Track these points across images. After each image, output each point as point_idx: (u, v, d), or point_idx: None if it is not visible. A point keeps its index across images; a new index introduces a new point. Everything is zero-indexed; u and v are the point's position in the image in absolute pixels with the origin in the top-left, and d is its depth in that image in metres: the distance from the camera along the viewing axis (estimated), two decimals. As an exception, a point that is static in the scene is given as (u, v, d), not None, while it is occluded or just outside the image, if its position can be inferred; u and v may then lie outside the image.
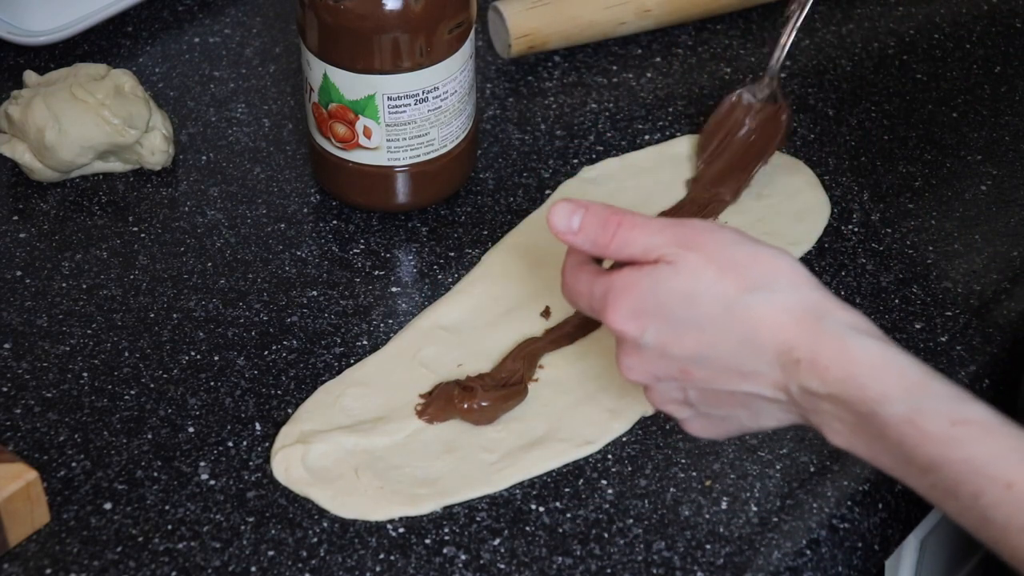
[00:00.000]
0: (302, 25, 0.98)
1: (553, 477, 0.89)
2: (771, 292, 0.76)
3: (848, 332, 0.75)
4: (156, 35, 1.17)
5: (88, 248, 1.02)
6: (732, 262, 0.76)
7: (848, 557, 0.88)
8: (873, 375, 0.73)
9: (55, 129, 1.02)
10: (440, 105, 0.99)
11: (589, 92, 1.12)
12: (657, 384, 0.80)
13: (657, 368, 0.79)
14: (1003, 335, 0.96)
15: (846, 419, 0.74)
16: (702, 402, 0.79)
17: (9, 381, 0.94)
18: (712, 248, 0.77)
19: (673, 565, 0.85)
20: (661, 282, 0.77)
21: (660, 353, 0.78)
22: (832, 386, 0.74)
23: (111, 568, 0.85)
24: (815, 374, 0.74)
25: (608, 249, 0.79)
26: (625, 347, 0.79)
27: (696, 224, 0.78)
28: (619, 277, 0.78)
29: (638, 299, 0.77)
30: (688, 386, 0.79)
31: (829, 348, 0.74)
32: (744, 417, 0.79)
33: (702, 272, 0.76)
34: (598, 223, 0.79)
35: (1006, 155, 1.07)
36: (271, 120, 1.10)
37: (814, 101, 1.11)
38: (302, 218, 1.04)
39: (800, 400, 0.76)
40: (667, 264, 0.77)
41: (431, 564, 0.85)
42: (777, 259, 0.77)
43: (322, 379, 0.94)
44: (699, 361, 0.77)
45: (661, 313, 0.77)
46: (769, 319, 0.75)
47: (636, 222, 0.78)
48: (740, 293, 0.76)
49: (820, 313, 0.75)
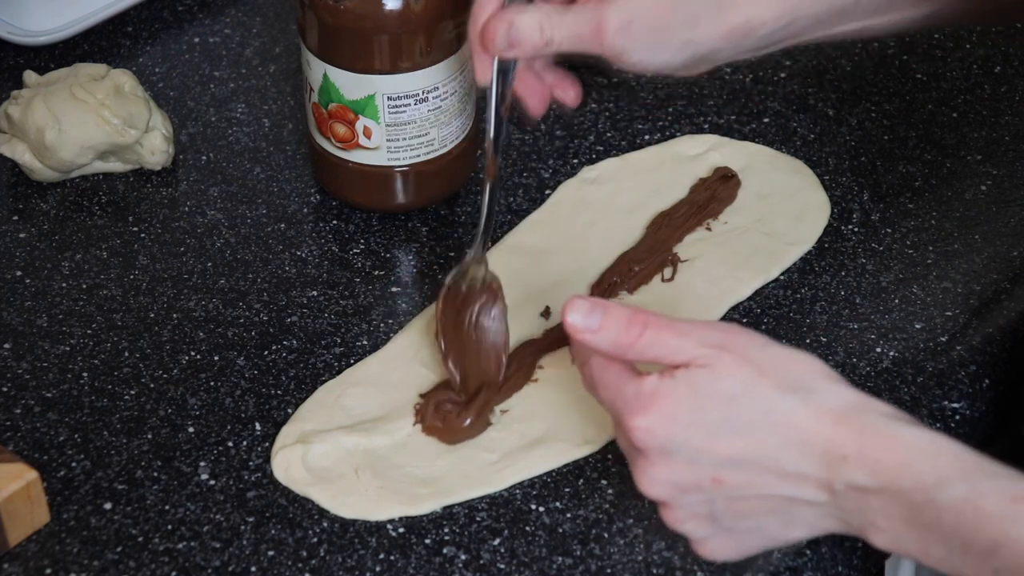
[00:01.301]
0: (302, 25, 0.98)
1: (553, 477, 0.89)
2: (810, 392, 0.74)
3: (893, 423, 0.73)
4: (156, 35, 1.17)
5: (88, 248, 1.02)
6: (767, 362, 0.75)
7: (848, 557, 0.88)
8: (926, 460, 0.72)
9: (55, 129, 1.02)
10: (440, 105, 0.99)
11: (589, 92, 1.12)
12: (681, 498, 0.77)
13: (684, 478, 0.76)
14: (1003, 335, 0.96)
15: (895, 513, 0.73)
16: (729, 513, 0.76)
17: (9, 381, 0.94)
18: (744, 349, 0.75)
19: (673, 565, 0.85)
20: (697, 386, 0.74)
21: (690, 460, 0.75)
22: (884, 477, 0.72)
23: (111, 568, 0.85)
24: (865, 468, 0.73)
25: (631, 351, 0.76)
26: (650, 457, 0.76)
27: (723, 326, 0.77)
28: (650, 382, 0.75)
29: (672, 406, 0.75)
30: (717, 496, 0.76)
31: (877, 440, 0.73)
32: (773, 526, 0.77)
33: (739, 373, 0.74)
34: (621, 324, 0.76)
35: (1006, 155, 1.07)
36: (271, 120, 1.10)
37: (814, 101, 1.11)
38: (302, 218, 1.04)
39: (844, 500, 0.74)
40: (700, 367, 0.75)
41: (431, 564, 0.85)
42: (809, 360, 0.76)
43: (322, 379, 0.94)
44: (735, 465, 0.75)
45: (695, 418, 0.74)
46: (812, 418, 0.74)
47: (662, 323, 0.76)
48: (779, 394, 0.74)
49: (862, 408, 0.74)
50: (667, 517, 0.78)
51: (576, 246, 1.01)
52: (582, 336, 0.77)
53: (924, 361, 0.94)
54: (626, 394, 0.76)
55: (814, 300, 0.98)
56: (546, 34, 0.86)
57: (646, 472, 0.76)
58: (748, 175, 1.05)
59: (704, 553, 0.79)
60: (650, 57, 0.86)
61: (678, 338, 0.76)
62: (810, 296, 0.98)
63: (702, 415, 0.74)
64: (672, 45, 0.86)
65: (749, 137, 1.08)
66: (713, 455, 0.75)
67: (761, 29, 0.86)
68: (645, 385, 0.76)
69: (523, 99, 0.91)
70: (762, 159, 1.06)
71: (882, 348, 0.95)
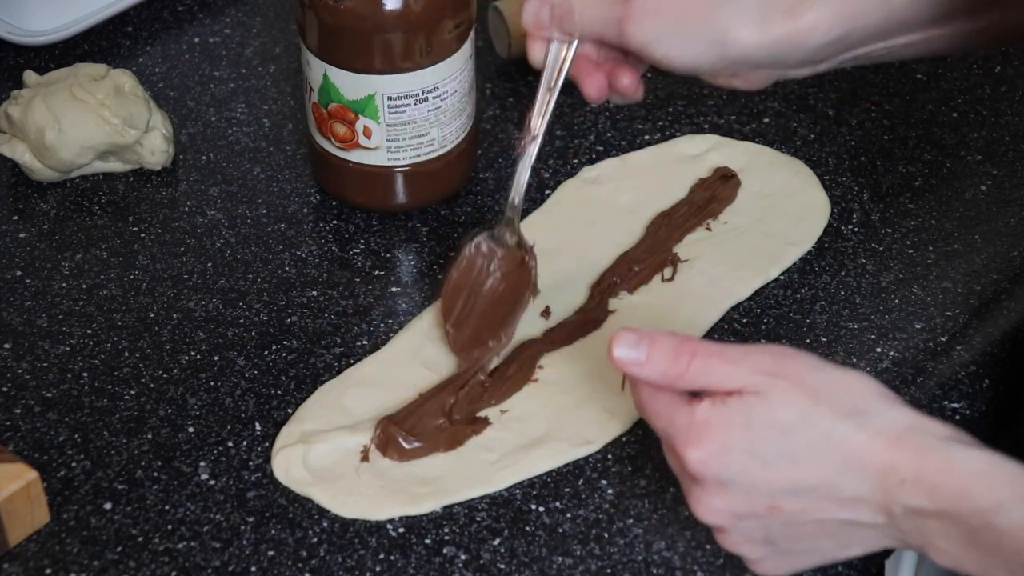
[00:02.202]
0: (302, 25, 0.98)
1: (553, 477, 0.89)
2: (866, 416, 0.74)
3: (951, 445, 0.73)
4: (156, 35, 1.17)
5: (88, 248, 1.02)
6: (822, 388, 0.74)
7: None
8: (984, 485, 0.71)
9: (55, 129, 1.02)
10: (440, 105, 0.99)
11: (589, 92, 1.12)
12: (737, 524, 0.76)
13: (741, 507, 0.75)
14: (1003, 335, 0.96)
15: (955, 536, 0.72)
16: (786, 537, 0.76)
17: (9, 381, 0.94)
18: (798, 374, 0.74)
19: (673, 565, 0.85)
20: (752, 416, 0.74)
21: (747, 489, 0.74)
22: (942, 502, 0.72)
23: (111, 568, 0.85)
24: (922, 491, 0.72)
25: (681, 381, 0.75)
26: (706, 487, 0.75)
27: (774, 350, 0.75)
28: (702, 411, 0.74)
29: (726, 436, 0.74)
30: (773, 523, 0.75)
31: (934, 464, 0.72)
32: (831, 548, 0.76)
33: (794, 401, 0.74)
34: (668, 354, 0.75)
35: (1006, 155, 1.07)
36: (271, 120, 1.10)
37: (814, 101, 1.11)
38: (302, 218, 1.04)
39: (903, 522, 0.73)
40: (754, 395, 0.74)
41: (431, 564, 0.85)
42: (864, 381, 0.75)
43: (322, 379, 0.94)
44: (792, 493, 0.74)
45: (750, 448, 0.74)
46: (868, 443, 0.73)
47: (712, 350, 0.75)
48: (836, 420, 0.73)
49: (918, 430, 0.73)
50: (723, 541, 0.78)
51: (576, 246, 1.01)
52: (629, 369, 0.76)
53: (924, 361, 0.94)
54: (678, 423, 0.75)
55: (814, 300, 0.98)
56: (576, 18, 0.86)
57: (701, 500, 0.76)
58: (748, 175, 1.05)
59: (759, 571, 0.79)
60: (676, 52, 0.85)
61: (729, 366, 0.75)
62: (810, 296, 0.98)
63: (757, 445, 0.74)
64: (699, 42, 0.84)
65: (749, 137, 1.08)
66: (770, 484, 0.74)
67: (811, 40, 0.84)
68: (697, 414, 0.75)
69: (580, 84, 0.90)
70: (762, 159, 1.06)
71: (882, 348, 0.95)
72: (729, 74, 0.87)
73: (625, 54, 0.89)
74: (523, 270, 0.94)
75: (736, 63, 0.85)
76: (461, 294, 0.94)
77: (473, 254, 0.94)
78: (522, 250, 0.94)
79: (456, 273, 0.94)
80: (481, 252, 0.94)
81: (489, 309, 0.94)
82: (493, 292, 0.94)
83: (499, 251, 0.94)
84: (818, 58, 0.86)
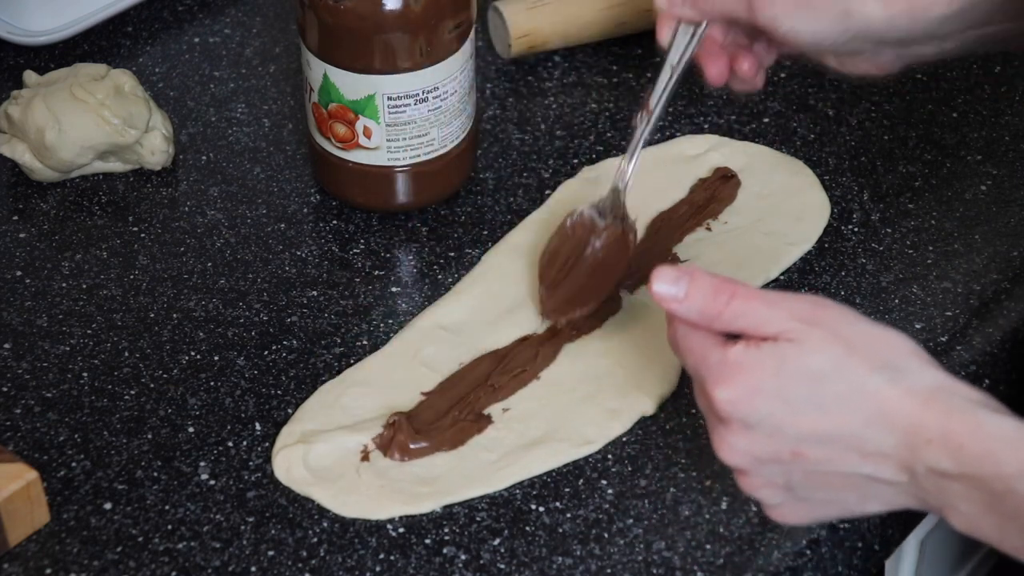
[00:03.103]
0: (302, 25, 0.98)
1: (553, 477, 0.89)
2: (899, 372, 0.74)
3: (979, 409, 0.73)
4: (156, 35, 1.17)
5: (88, 248, 1.02)
6: (857, 340, 0.74)
7: (848, 557, 0.88)
8: (1008, 451, 0.71)
9: (55, 129, 1.02)
10: (440, 105, 0.99)
11: (589, 92, 1.12)
12: (759, 467, 0.76)
13: (765, 450, 0.75)
14: (1003, 335, 0.96)
15: (976, 500, 0.72)
16: (806, 485, 0.76)
17: (9, 381, 0.94)
18: (835, 325, 0.74)
19: (673, 565, 0.85)
20: (785, 361, 0.74)
21: (772, 433, 0.75)
22: (965, 465, 0.72)
23: (111, 568, 0.85)
24: (947, 453, 0.72)
25: (718, 320, 0.76)
26: (731, 427, 0.75)
27: (813, 299, 0.76)
28: (736, 352, 0.75)
29: (757, 378, 0.74)
30: (795, 469, 0.76)
31: (961, 426, 0.72)
32: (849, 500, 0.77)
33: (828, 350, 0.74)
34: (707, 292, 0.76)
35: (1006, 155, 1.07)
36: (271, 120, 1.10)
37: (814, 101, 1.11)
38: (302, 218, 1.04)
39: (925, 482, 0.74)
40: (788, 342, 0.74)
41: (431, 564, 0.85)
42: (899, 339, 0.75)
43: (322, 379, 0.94)
44: (817, 441, 0.74)
45: (780, 392, 0.74)
46: (898, 399, 0.73)
47: (751, 294, 0.75)
48: (868, 373, 0.73)
49: (949, 392, 0.73)
50: (742, 483, 0.78)
51: (576, 246, 1.01)
52: (668, 305, 0.77)
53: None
54: (710, 361, 0.76)
55: (814, 300, 0.98)
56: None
57: (725, 440, 0.76)
58: (748, 175, 1.05)
59: (776, 517, 0.79)
60: (802, 26, 0.86)
61: (767, 309, 0.75)
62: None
63: (787, 390, 0.74)
64: (825, 16, 0.85)
65: (749, 137, 1.08)
66: (795, 430, 0.74)
67: (933, 11, 0.84)
68: (730, 354, 0.75)
69: (703, 66, 0.92)
70: (762, 159, 1.06)
71: (882, 348, 0.95)
72: (856, 53, 0.87)
73: (750, 40, 0.91)
74: (622, 243, 0.95)
75: (861, 38, 0.86)
76: (558, 260, 0.95)
77: (576, 223, 0.95)
78: (624, 224, 0.95)
79: (557, 239, 0.96)
80: (583, 223, 0.95)
81: (584, 277, 0.95)
82: (590, 262, 0.95)
83: (601, 223, 0.95)
84: (942, 33, 0.86)
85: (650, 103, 0.92)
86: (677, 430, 0.91)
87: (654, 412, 0.92)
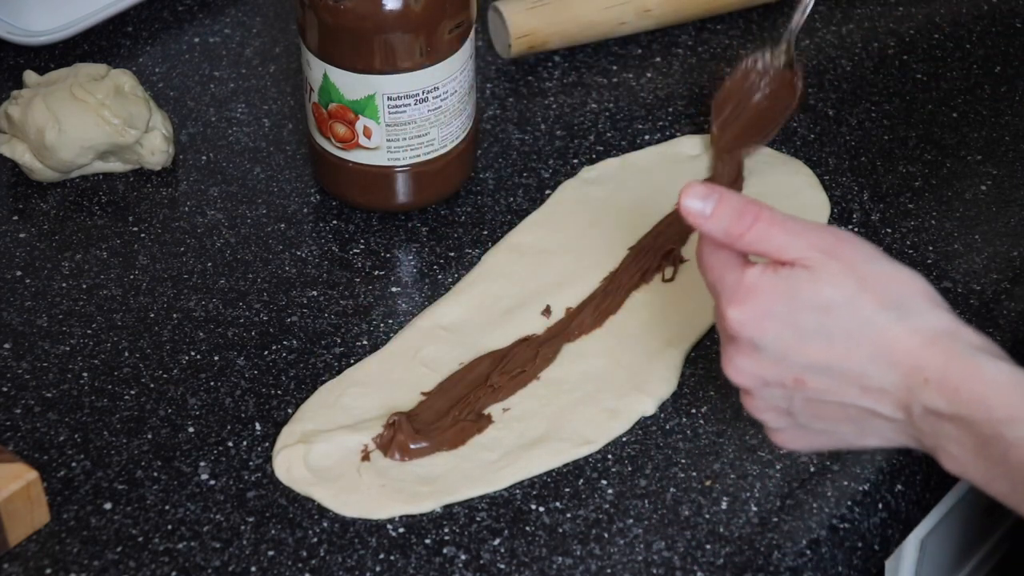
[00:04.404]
0: (302, 25, 0.98)
1: (553, 477, 0.89)
2: (908, 312, 0.75)
3: (979, 354, 0.74)
4: (156, 35, 1.17)
5: (88, 248, 1.02)
6: (872, 277, 0.75)
7: (848, 557, 0.88)
8: (1001, 396, 0.73)
9: (55, 129, 1.02)
10: (440, 105, 0.99)
11: (589, 92, 1.12)
12: (763, 389, 0.78)
13: (769, 373, 0.77)
14: (1003, 335, 0.96)
15: (967, 442, 0.74)
16: (806, 413, 0.78)
17: (9, 381, 0.94)
18: (852, 259, 0.76)
19: (673, 565, 0.85)
20: (798, 289, 0.75)
21: (778, 358, 0.76)
22: (959, 407, 0.73)
23: (111, 568, 0.85)
24: (943, 394, 0.74)
25: (740, 240, 0.77)
26: (739, 347, 0.77)
27: (835, 232, 0.77)
28: (752, 274, 0.76)
29: (769, 302, 0.76)
30: (797, 395, 0.77)
31: (960, 369, 0.73)
32: (848, 433, 0.78)
33: (842, 283, 0.75)
34: (733, 212, 0.77)
35: (1006, 155, 1.07)
36: (271, 120, 1.10)
37: (814, 101, 1.11)
38: (302, 218, 1.04)
39: (920, 421, 0.75)
40: (805, 269, 0.76)
41: (431, 564, 0.85)
42: (914, 279, 0.76)
43: (322, 379, 0.94)
44: (820, 371, 0.76)
45: (789, 319, 0.76)
46: (903, 338, 0.74)
47: (775, 218, 0.77)
48: (877, 309, 0.75)
49: (953, 335, 0.75)
50: (746, 403, 0.80)
51: (576, 246, 1.01)
52: (695, 220, 0.78)
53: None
54: (727, 281, 0.77)
55: (814, 300, 0.98)
56: None
57: (732, 359, 0.78)
58: (748, 175, 1.05)
59: (777, 441, 0.81)
60: None
61: (787, 236, 0.76)
62: (810, 296, 0.98)
63: (797, 317, 0.75)
64: None
65: (749, 137, 1.08)
66: (800, 357, 0.76)
67: None
68: (747, 276, 0.76)
69: None
70: (762, 159, 1.06)
71: (882, 348, 0.95)
72: None
73: None
74: (790, 88, 1.01)
75: None
76: (731, 101, 1.01)
77: (748, 67, 1.01)
78: (792, 70, 1.00)
79: (730, 82, 1.01)
80: (756, 68, 1.01)
81: (754, 119, 1.00)
82: (761, 104, 1.01)
83: (772, 69, 1.00)
84: None
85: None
86: (677, 430, 0.91)
87: (654, 412, 0.92)
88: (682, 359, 0.94)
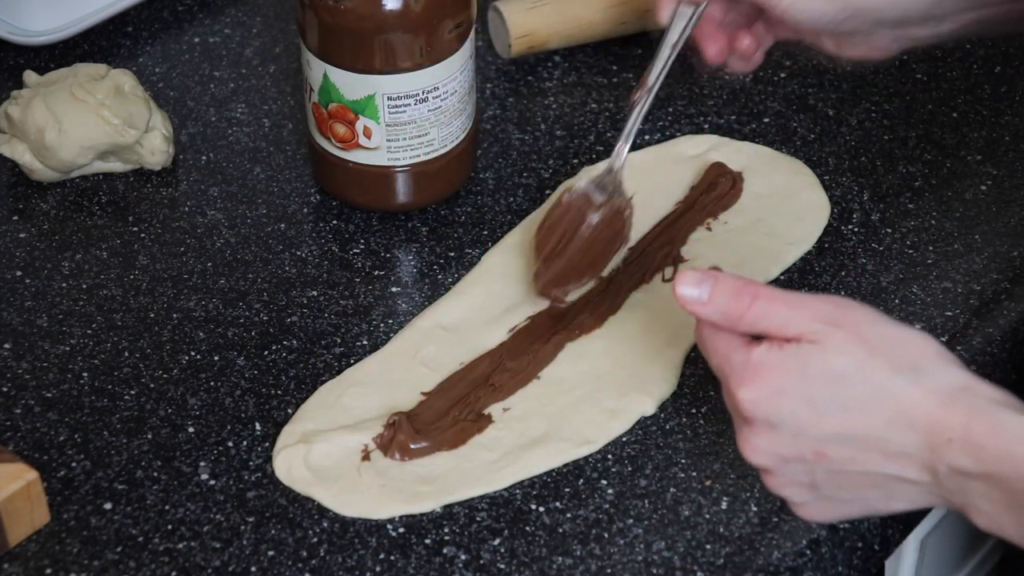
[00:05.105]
0: (302, 25, 0.98)
1: (553, 477, 0.89)
2: (921, 373, 0.74)
3: (1001, 409, 0.73)
4: (156, 35, 1.17)
5: (88, 248, 1.02)
6: (879, 341, 0.75)
7: (848, 557, 0.88)
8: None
9: (55, 129, 1.02)
10: (440, 105, 0.99)
11: (589, 92, 1.12)
12: (783, 466, 0.77)
13: (788, 450, 0.76)
14: (1003, 335, 0.96)
15: (997, 498, 0.73)
16: (830, 485, 0.77)
17: (9, 381, 0.94)
18: (857, 326, 0.75)
19: (673, 565, 0.85)
20: (808, 363, 0.75)
21: (795, 433, 0.76)
22: (987, 464, 0.73)
23: (111, 568, 0.85)
24: (968, 452, 0.73)
25: (741, 321, 0.76)
26: (755, 427, 0.76)
27: (836, 300, 0.76)
28: (759, 353, 0.76)
29: (779, 379, 0.75)
30: (819, 468, 0.76)
31: (982, 426, 0.73)
32: (875, 499, 0.78)
33: (851, 351, 0.74)
34: (730, 294, 0.76)
35: (1006, 155, 1.07)
36: (271, 120, 1.10)
37: (814, 101, 1.11)
38: (302, 218, 1.04)
39: (947, 481, 0.74)
40: (811, 343, 0.75)
41: (431, 564, 0.85)
42: (923, 339, 0.76)
43: (322, 379, 0.94)
44: (841, 441, 0.75)
45: (803, 393, 0.75)
46: (920, 400, 0.74)
47: (774, 295, 0.76)
48: (890, 374, 0.74)
49: (970, 392, 0.74)
50: (768, 482, 0.79)
51: (576, 246, 1.01)
52: (692, 308, 0.77)
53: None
54: (734, 362, 0.76)
55: (814, 300, 0.98)
56: None
57: (749, 440, 0.77)
58: (748, 175, 1.05)
59: (803, 515, 0.80)
60: (801, 5, 0.87)
61: (789, 311, 0.76)
62: (810, 296, 0.98)
63: (810, 391, 0.75)
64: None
65: (749, 137, 1.08)
66: (818, 430, 0.75)
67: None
68: (753, 355, 0.76)
69: (702, 45, 0.93)
70: (762, 159, 1.06)
71: (882, 348, 0.95)
72: (853, 34, 0.88)
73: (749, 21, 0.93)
74: (619, 219, 0.95)
75: (858, 18, 0.87)
76: (554, 234, 0.95)
77: (572, 199, 0.95)
78: (621, 200, 0.95)
79: (555, 214, 0.95)
80: (580, 198, 0.95)
81: (580, 253, 0.95)
82: (587, 237, 0.95)
83: (598, 199, 0.95)
84: (939, 13, 0.86)
85: (648, 80, 0.93)
86: (677, 430, 0.91)
87: (654, 412, 0.92)
88: (682, 359, 0.94)
